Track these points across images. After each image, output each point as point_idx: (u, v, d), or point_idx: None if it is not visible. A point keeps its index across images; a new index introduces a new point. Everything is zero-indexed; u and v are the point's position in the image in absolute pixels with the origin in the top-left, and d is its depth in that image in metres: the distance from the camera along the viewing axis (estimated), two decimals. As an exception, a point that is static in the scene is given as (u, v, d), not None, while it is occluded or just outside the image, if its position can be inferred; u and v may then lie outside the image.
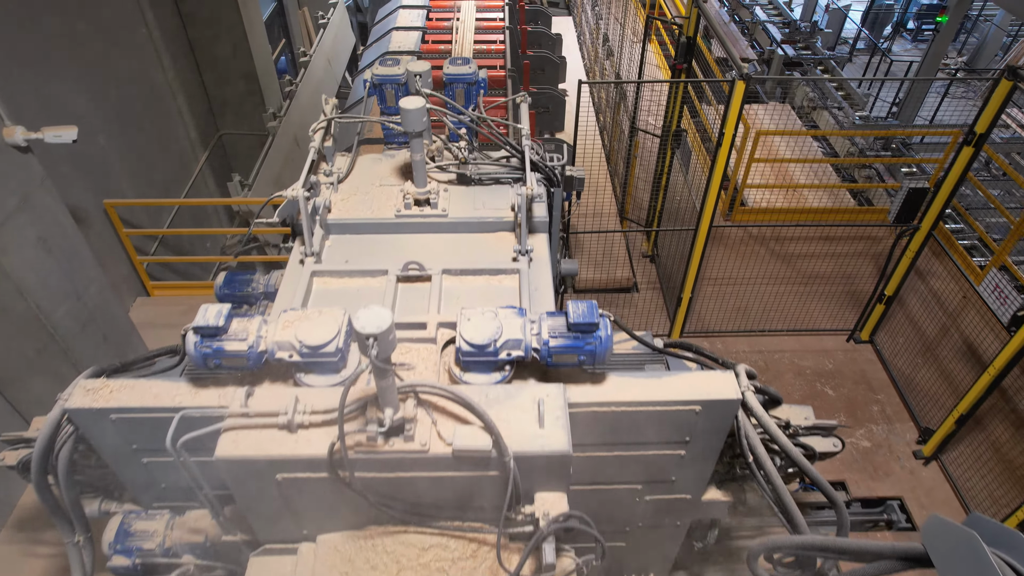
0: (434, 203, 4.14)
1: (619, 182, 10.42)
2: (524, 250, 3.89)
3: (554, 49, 10.39)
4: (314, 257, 3.87)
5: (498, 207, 4.22)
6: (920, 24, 29.27)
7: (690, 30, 6.95)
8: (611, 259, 8.75)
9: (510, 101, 4.79)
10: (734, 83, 5.48)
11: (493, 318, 3.11)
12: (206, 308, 3.07)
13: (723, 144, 5.91)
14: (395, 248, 4.08)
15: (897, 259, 7.24)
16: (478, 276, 3.88)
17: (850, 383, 7.84)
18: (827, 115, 15.23)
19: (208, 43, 10.37)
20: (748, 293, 8.65)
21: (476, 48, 8.91)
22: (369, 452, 2.79)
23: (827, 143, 14.83)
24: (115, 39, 8.35)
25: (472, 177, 4.33)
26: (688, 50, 7.05)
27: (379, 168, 4.56)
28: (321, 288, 3.83)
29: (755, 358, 8.12)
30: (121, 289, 8.17)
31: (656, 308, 8.71)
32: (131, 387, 3.16)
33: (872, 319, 8.04)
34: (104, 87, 8.04)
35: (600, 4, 13.11)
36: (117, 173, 8.21)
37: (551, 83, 9.82)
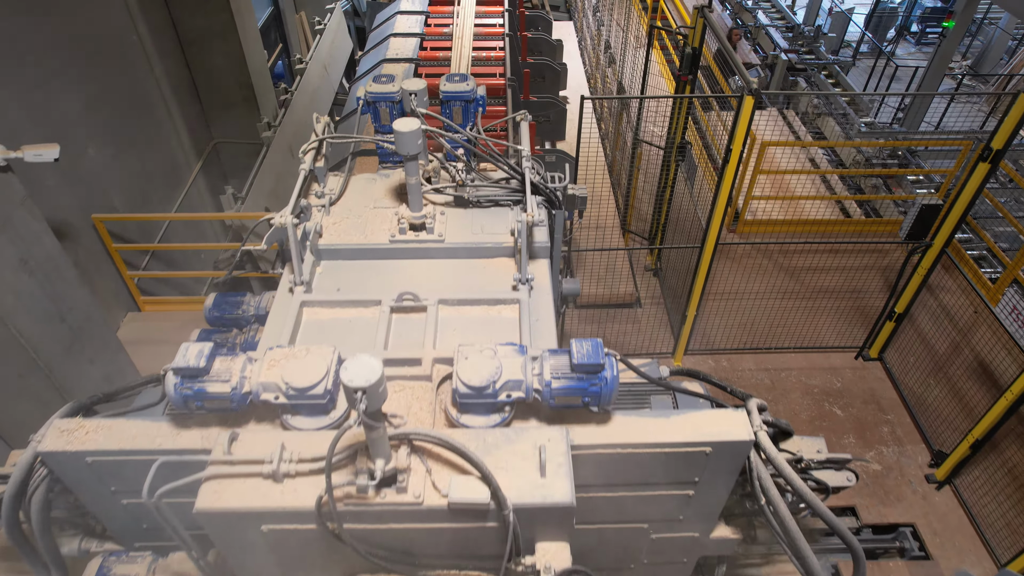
0: (430, 228, 3.98)
1: (621, 193, 10.27)
2: (524, 278, 3.74)
3: (555, 56, 10.24)
4: (304, 286, 3.71)
5: (497, 232, 4.06)
6: (924, 27, 29.21)
7: (695, 41, 6.79)
8: (613, 273, 8.59)
9: (510, 120, 4.62)
10: (742, 98, 5.32)
11: (492, 357, 2.96)
12: (187, 347, 2.92)
13: (731, 160, 5.76)
14: (389, 275, 3.93)
15: (908, 276, 7.07)
16: (476, 306, 3.72)
17: (859, 403, 7.68)
18: (832, 122, 15.10)
19: (202, 50, 10.21)
20: (754, 308, 8.49)
21: (475, 55, 8.74)
22: (359, 504, 2.63)
23: (833, 151, 14.71)
24: (105, 48, 8.20)
25: (470, 200, 4.17)
26: (693, 61, 6.89)
27: (373, 189, 4.40)
28: (311, 319, 3.67)
29: (761, 376, 7.96)
30: (111, 305, 8.01)
31: (660, 324, 8.55)
32: (108, 428, 3.01)
33: (881, 336, 7.87)
34: (93, 97, 7.88)
35: (602, 10, 12.95)
36: (107, 185, 8.05)
37: (552, 91, 9.66)
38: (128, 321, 8.25)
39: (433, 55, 8.78)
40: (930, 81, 17.33)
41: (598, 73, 13.09)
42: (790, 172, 10.07)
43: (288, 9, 16.11)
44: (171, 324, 8.19)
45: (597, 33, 12.92)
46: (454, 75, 4.38)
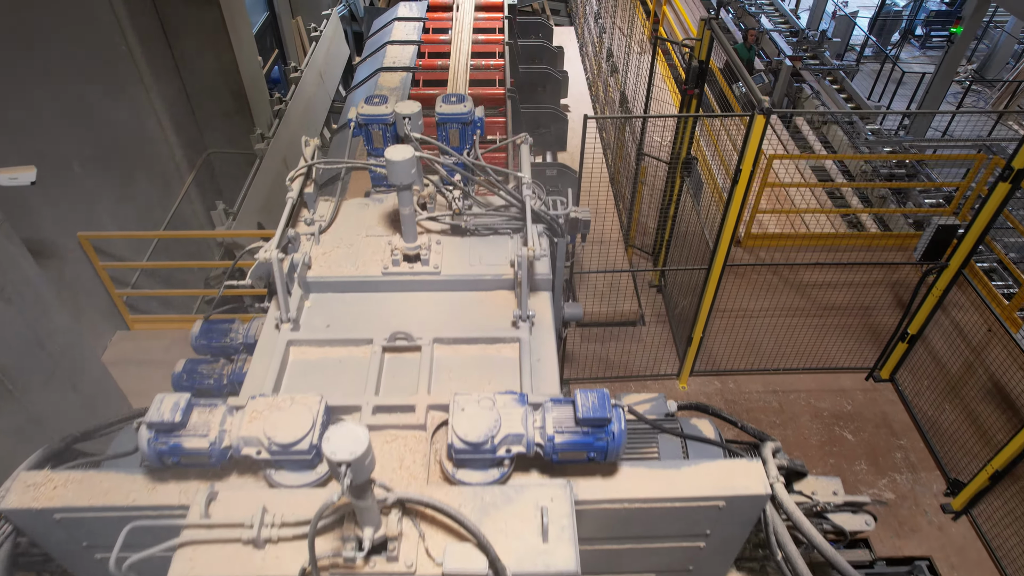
0: (425, 259, 3.80)
1: (624, 206, 10.09)
2: (525, 315, 3.55)
3: (555, 64, 10.08)
4: (291, 323, 3.52)
5: (496, 263, 3.88)
6: (929, 31, 29.09)
7: (702, 53, 6.60)
8: (616, 291, 8.40)
9: (510, 143, 4.44)
10: (753, 117, 5.14)
11: (490, 408, 2.78)
12: (161, 399, 2.73)
13: (740, 181, 5.57)
14: (382, 309, 3.75)
15: (922, 297, 6.88)
16: (473, 345, 3.53)
17: (871, 426, 7.48)
18: (838, 130, 14.93)
19: (194, 59, 10.04)
20: (760, 326, 8.30)
21: (474, 63, 8.62)
22: (347, 575, 2.45)
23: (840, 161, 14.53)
24: (91, 59, 8.01)
25: (467, 228, 3.99)
26: (700, 75, 6.71)
27: (365, 215, 4.22)
28: (299, 358, 3.50)
29: (769, 398, 7.77)
30: (98, 324, 7.83)
31: (664, 343, 8.35)
32: (78, 481, 2.84)
33: (893, 357, 7.68)
34: (78, 110, 7.70)
35: (604, 16, 12.77)
36: (94, 200, 7.88)
37: (553, 100, 9.52)
38: (116, 341, 8.06)
39: (431, 64, 8.65)
40: (937, 88, 17.18)
41: (599, 80, 12.91)
42: (798, 185, 9.90)
43: (284, 14, 15.96)
44: (161, 343, 8.00)
45: (599, 40, 12.74)
46: (450, 96, 4.20)
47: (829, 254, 9.69)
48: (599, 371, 7.96)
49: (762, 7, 21.63)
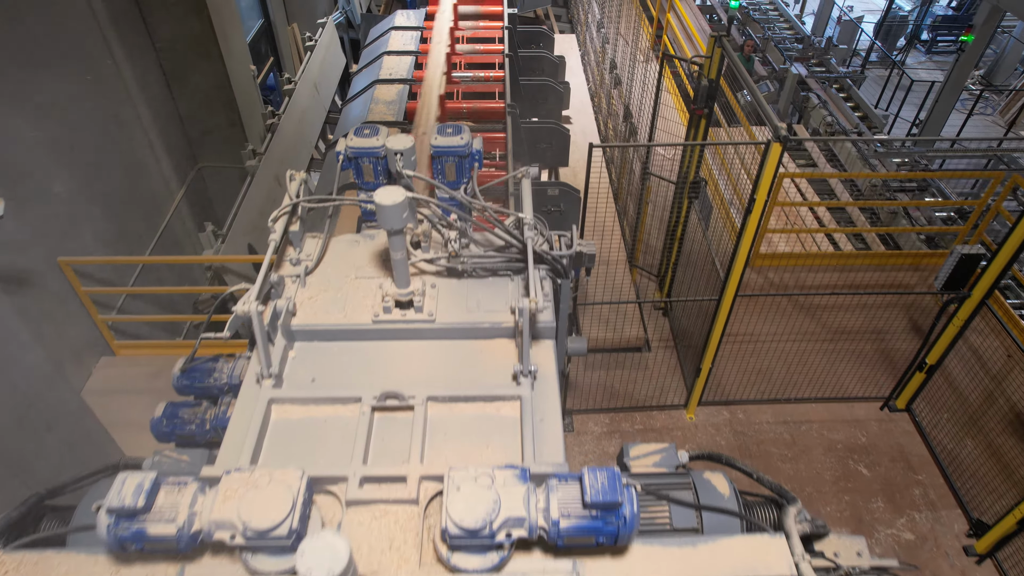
0: (418, 305, 3.56)
1: (628, 223, 9.84)
2: (527, 370, 3.30)
3: (557, 74, 9.85)
4: (272, 379, 3.27)
5: (495, 308, 3.64)
6: (935, 36, 28.95)
7: (712, 72, 6.36)
8: (621, 315, 8.16)
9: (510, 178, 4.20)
10: (769, 145, 4.90)
11: (488, 487, 2.54)
12: (123, 480, 2.49)
13: (754, 210, 5.33)
14: (372, 359, 3.51)
15: (943, 327, 6.62)
16: (471, 403, 3.29)
17: (887, 460, 7.23)
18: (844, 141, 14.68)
19: (184, 72, 9.82)
20: (770, 352, 8.06)
21: (473, 74, 8.42)
22: None
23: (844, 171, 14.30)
24: (75, 74, 7.78)
25: (464, 271, 3.75)
26: (710, 94, 6.46)
27: (355, 254, 3.98)
28: (281, 417, 3.25)
29: (780, 430, 7.52)
30: (81, 351, 7.59)
31: (670, 369, 8.11)
32: (33, 564, 2.62)
33: (910, 387, 7.43)
34: (61, 129, 7.46)
35: (606, 25, 12.51)
36: (77, 222, 7.63)
37: (554, 113, 9.30)
38: (101, 367, 7.82)
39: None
40: (947, 96, 16.96)
41: (602, 91, 12.67)
42: (809, 204, 9.66)
43: (279, 21, 15.75)
44: (147, 369, 7.76)
45: (601, 50, 12.49)
46: (446, 127, 3.96)
47: (840, 274, 9.46)
48: (603, 400, 7.71)
49: (767, 12, 21.38)
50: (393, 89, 8.70)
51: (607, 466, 2.62)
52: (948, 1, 29.64)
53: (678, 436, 7.43)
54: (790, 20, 20.96)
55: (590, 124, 12.31)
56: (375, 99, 8.38)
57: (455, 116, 7.70)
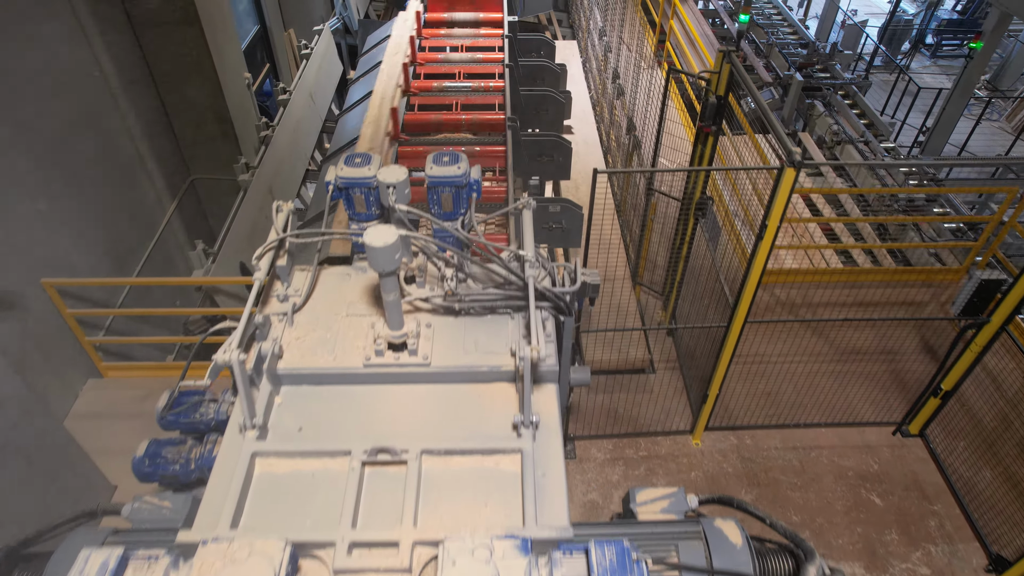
0: (412, 348, 3.37)
1: (632, 239, 9.65)
2: (528, 421, 3.11)
3: (558, 84, 9.67)
4: (256, 430, 3.08)
5: (494, 350, 3.45)
6: (940, 40, 28.82)
7: (720, 88, 6.16)
8: (624, 335, 7.96)
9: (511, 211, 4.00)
10: (783, 171, 4.71)
11: (486, 560, 2.38)
12: (87, 557, 2.31)
13: (766, 237, 5.14)
14: (364, 405, 3.32)
15: (959, 352, 6.42)
16: (468, 456, 3.10)
17: (900, 489, 7.03)
18: (852, 149, 14.51)
19: (176, 82, 9.64)
20: (778, 373, 7.87)
21: (472, 84, 8.26)
22: None
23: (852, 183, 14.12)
24: (60, 88, 7.58)
25: (460, 310, 3.56)
26: (718, 112, 6.27)
27: (346, 289, 3.79)
28: (265, 471, 3.06)
29: (789, 456, 7.32)
30: (67, 374, 7.40)
31: (676, 392, 7.91)
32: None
33: (924, 412, 7.23)
34: (45, 143, 7.27)
35: (608, 34, 12.29)
36: (63, 240, 7.44)
37: (555, 124, 9.10)
38: (88, 390, 7.63)
39: (426, 86, 8.33)
40: (955, 103, 16.78)
41: (604, 100, 12.46)
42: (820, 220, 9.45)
43: (275, 27, 15.60)
44: (136, 392, 7.57)
45: (603, 59, 12.28)
46: (442, 155, 3.76)
47: (849, 290, 9.27)
48: (606, 426, 7.51)
49: (770, 17, 21.12)
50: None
51: (616, 541, 2.44)
52: (953, 5, 29.48)
53: (684, 463, 7.23)
54: (794, 25, 20.70)
55: (592, 134, 12.13)
56: (371, 108, 8.19)
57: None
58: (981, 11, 28.07)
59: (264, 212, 8.77)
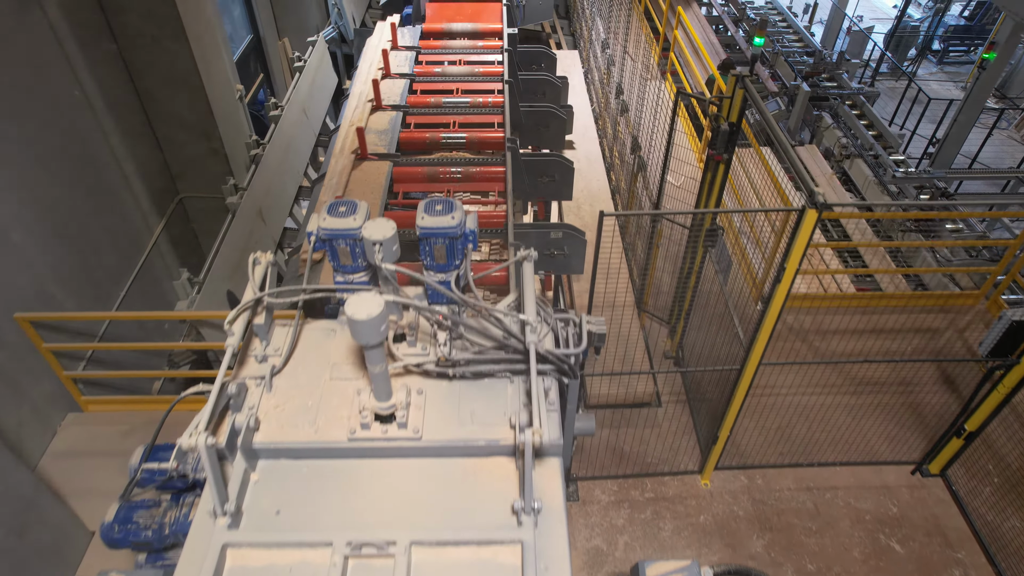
0: (402, 421, 3.10)
1: (637, 263, 9.36)
2: (529, 507, 2.84)
3: (559, 98, 9.43)
4: (228, 517, 2.81)
5: (492, 421, 3.19)
6: (947, 46, 28.64)
7: (733, 114, 5.88)
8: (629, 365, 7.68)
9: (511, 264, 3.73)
10: (803, 212, 4.43)
11: None
12: None
13: (784, 280, 4.86)
14: (348, 484, 3.06)
15: (986, 393, 6.14)
16: (463, 546, 2.83)
17: (921, 534, 6.74)
18: (861, 164, 14.26)
19: (162, 98, 9.38)
20: (789, 406, 7.59)
21: (471, 101, 8.04)
22: None
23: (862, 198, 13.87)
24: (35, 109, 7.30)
25: (454, 375, 3.29)
26: (730, 138, 5.99)
27: (330, 348, 3.52)
28: (238, 565, 2.81)
29: (803, 498, 7.04)
30: (45, 409, 7.13)
31: (683, 428, 7.62)
32: None
33: (946, 452, 6.94)
34: (20, 170, 6.99)
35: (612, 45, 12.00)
36: (40, 271, 7.17)
37: (556, 140, 8.87)
38: (67, 425, 7.35)
39: (423, 101, 8.14)
40: (966, 115, 16.52)
41: (607, 114, 12.19)
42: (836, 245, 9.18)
43: (269, 36, 15.38)
44: (118, 428, 7.29)
45: (606, 72, 12.00)
46: (435, 201, 3.49)
47: (863, 316, 8.99)
48: (611, 465, 7.22)
49: (776, 24, 20.86)
50: (386, 116, 8.29)
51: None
52: (960, 10, 29.25)
53: (692, 506, 6.94)
54: (799, 32, 20.41)
55: (594, 150, 11.85)
56: (367, 128, 7.96)
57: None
58: (988, 17, 27.86)
59: (254, 236, 8.52)
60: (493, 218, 6.82)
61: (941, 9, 27.49)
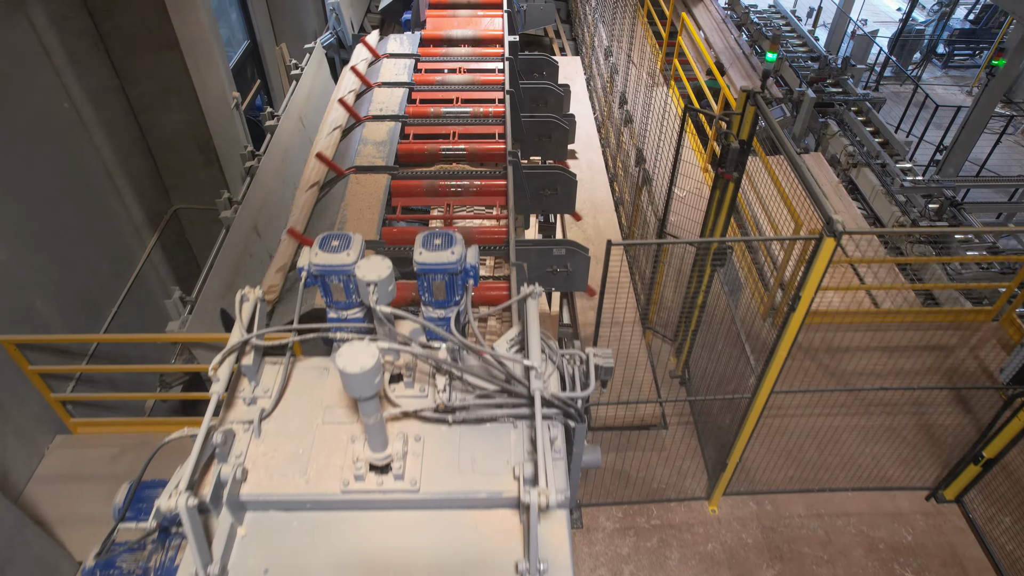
0: (398, 472, 2.92)
1: (641, 278, 9.20)
2: (535, 570, 2.67)
3: (561, 107, 9.26)
4: (211, 582, 2.64)
5: (494, 470, 3.02)
6: (951, 50, 28.50)
7: (744, 132, 5.70)
8: (633, 387, 7.50)
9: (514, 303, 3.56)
10: (821, 240, 4.26)
11: None
12: None
13: (798, 310, 4.69)
14: (341, 538, 2.90)
15: (1006, 421, 5.96)
16: (463, 615, 2.66)
17: (937, 564, 6.57)
18: (869, 173, 14.09)
19: (153, 109, 9.20)
20: (799, 428, 7.41)
21: (472, 111, 7.92)
22: None
23: (868, 208, 13.72)
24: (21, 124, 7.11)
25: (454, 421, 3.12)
26: (740, 157, 5.81)
27: (323, 390, 3.35)
28: (221, 634, 2.60)
29: (814, 525, 6.86)
30: (32, 431, 6.95)
31: (689, 452, 7.44)
32: None
33: (962, 479, 6.76)
34: (7, 187, 6.80)
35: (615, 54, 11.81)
36: (27, 289, 6.99)
37: (559, 151, 8.68)
38: (56, 448, 7.17)
39: (423, 111, 8.02)
40: (975, 122, 16.35)
41: (610, 123, 12.01)
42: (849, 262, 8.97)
43: (267, 41, 15.22)
44: (108, 451, 7.12)
45: (609, 80, 11.81)
46: (433, 235, 3.33)
47: (874, 333, 8.81)
48: (616, 491, 7.04)
49: (779, 28, 20.65)
50: (384, 127, 8.17)
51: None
52: (965, 14, 29.10)
53: (700, 534, 6.77)
54: (803, 36, 20.24)
55: (597, 159, 11.67)
56: (363, 139, 7.85)
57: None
58: (994, 21, 27.71)
59: (249, 251, 8.35)
60: (494, 234, 6.66)
61: (947, 13, 27.32)
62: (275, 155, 9.59)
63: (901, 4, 34.55)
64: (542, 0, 13.49)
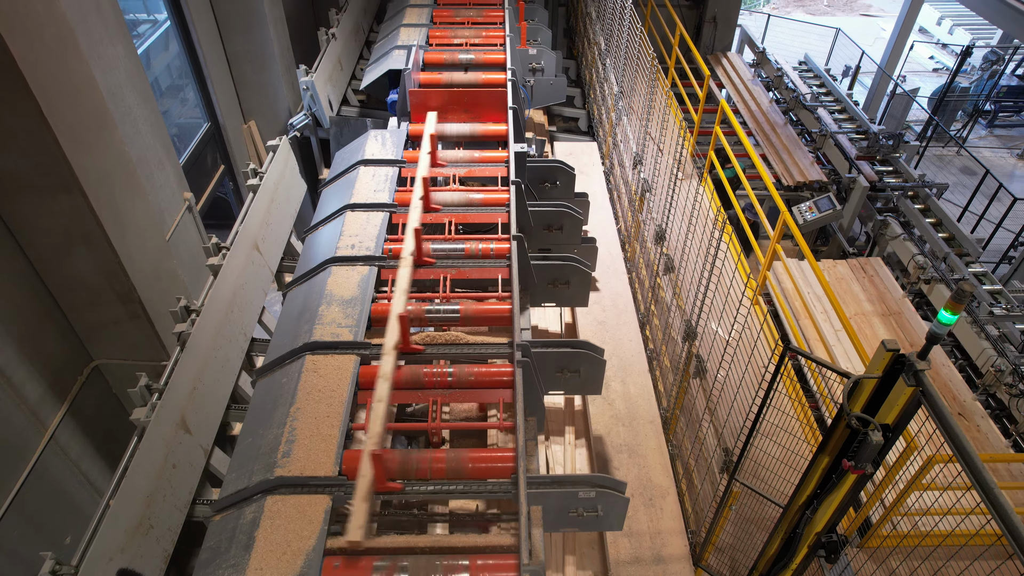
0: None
1: (690, 493, 7.26)
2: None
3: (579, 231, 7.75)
4: None
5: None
6: (997, 108, 26.87)
7: (890, 416, 3.77)
8: None
9: None
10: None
11: None
12: None
13: None
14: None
15: None
16: None
17: None
18: (942, 288, 12.16)
19: (53, 260, 7.44)
20: None
21: (468, 248, 6.70)
22: None
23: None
24: None
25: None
26: (881, 451, 3.86)
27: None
28: None
29: None
30: None
31: None
32: None
33: None
34: None
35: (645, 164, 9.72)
36: None
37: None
38: None
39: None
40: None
41: (638, 243, 9.91)
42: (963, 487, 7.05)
43: (231, 121, 13.53)
44: None
45: (639, 198, 9.64)
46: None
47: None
48: None
49: (820, 98, 18.63)
50: (354, 276, 6.57)
51: None
52: (1014, 68, 27.42)
53: None
54: (843, 102, 17.94)
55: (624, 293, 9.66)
56: (327, 295, 6.25)
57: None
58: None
59: (170, 461, 6.34)
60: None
61: (997, 71, 25.65)
62: (216, 310, 7.63)
63: (934, 52, 32.97)
64: (552, 75, 11.74)
